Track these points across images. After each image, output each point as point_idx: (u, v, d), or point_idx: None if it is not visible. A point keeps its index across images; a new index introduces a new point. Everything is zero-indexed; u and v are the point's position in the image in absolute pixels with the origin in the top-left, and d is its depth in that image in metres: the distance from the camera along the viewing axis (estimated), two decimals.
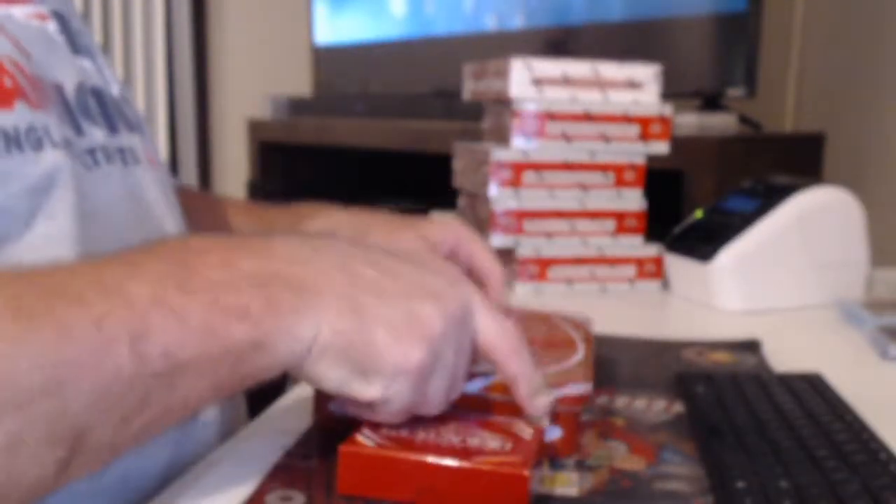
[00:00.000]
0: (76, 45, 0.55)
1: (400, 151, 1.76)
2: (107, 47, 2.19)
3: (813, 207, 0.86)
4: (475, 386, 0.48)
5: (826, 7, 1.63)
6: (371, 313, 0.41)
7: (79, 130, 0.50)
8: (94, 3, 2.15)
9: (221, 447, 0.49)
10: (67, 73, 0.52)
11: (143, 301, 0.36)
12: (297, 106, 2.10)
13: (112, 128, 0.54)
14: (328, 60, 2.22)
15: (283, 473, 0.43)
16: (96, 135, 0.52)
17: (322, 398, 0.49)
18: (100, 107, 0.54)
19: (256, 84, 2.28)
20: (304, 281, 0.41)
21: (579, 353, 0.54)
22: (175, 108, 2.26)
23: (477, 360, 0.46)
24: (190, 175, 2.29)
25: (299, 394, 0.56)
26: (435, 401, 0.43)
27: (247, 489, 0.42)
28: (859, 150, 1.57)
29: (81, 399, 0.34)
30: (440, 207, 1.78)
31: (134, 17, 2.20)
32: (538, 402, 0.46)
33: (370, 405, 0.42)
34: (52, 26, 0.53)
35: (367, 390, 0.41)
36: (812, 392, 0.55)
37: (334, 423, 0.48)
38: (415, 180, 2.02)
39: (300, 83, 2.31)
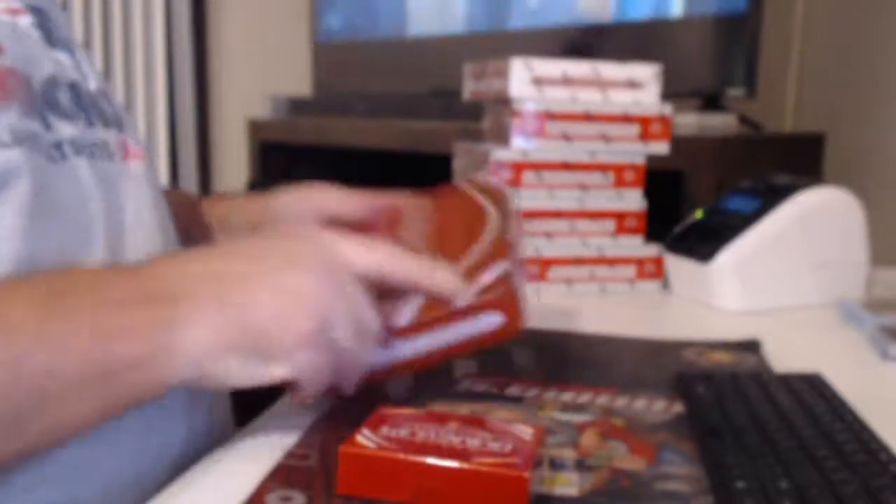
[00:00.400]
0: (53, 39, 0.54)
1: (400, 151, 1.76)
2: (106, 48, 2.19)
3: (813, 207, 0.86)
4: (405, 316, 0.49)
5: (826, 7, 1.63)
6: (246, 302, 0.43)
7: (46, 124, 0.50)
8: (94, 3, 2.15)
9: (221, 447, 0.49)
10: (38, 66, 0.51)
11: (24, 326, 0.38)
12: (297, 106, 2.10)
13: (88, 122, 0.53)
14: (328, 60, 2.22)
15: (283, 473, 0.43)
16: (65, 129, 0.51)
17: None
18: (75, 101, 0.53)
19: (256, 84, 2.27)
20: (177, 294, 0.42)
21: (493, 228, 0.54)
22: (175, 108, 2.26)
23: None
24: (190, 175, 2.29)
25: None
26: (353, 351, 0.46)
27: (247, 489, 0.42)
28: (859, 150, 1.57)
29: None
30: None
31: (134, 17, 2.20)
32: (453, 284, 0.48)
33: (292, 384, 0.45)
34: (25, 20, 0.52)
35: (276, 371, 0.44)
36: (812, 392, 0.55)
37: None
38: (415, 180, 2.02)
39: (300, 83, 2.30)
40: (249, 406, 0.63)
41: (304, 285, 0.44)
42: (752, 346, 0.70)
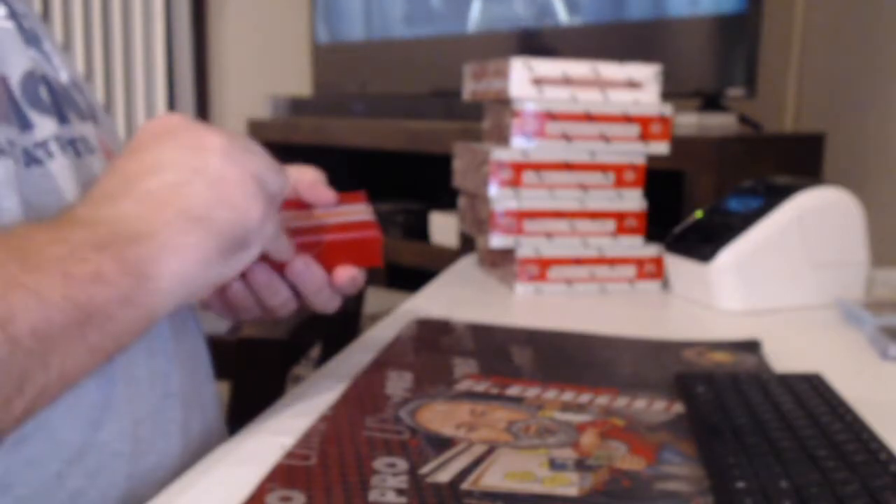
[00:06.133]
0: (24, 30, 0.51)
1: (400, 151, 1.76)
2: (106, 48, 2.20)
3: (813, 207, 0.86)
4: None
5: (826, 7, 1.63)
6: (202, 211, 0.44)
7: (25, 124, 0.48)
8: (93, 4, 2.15)
9: (221, 447, 0.49)
10: (15, 62, 0.49)
11: None
12: (297, 106, 2.10)
13: (62, 117, 0.51)
14: (328, 60, 2.22)
15: (283, 473, 0.43)
16: (47, 126, 0.49)
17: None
18: (50, 95, 0.51)
19: (256, 84, 2.27)
20: (136, 230, 0.42)
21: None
22: (175, 109, 2.26)
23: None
24: None
25: (299, 394, 0.56)
26: (282, 188, 0.49)
27: (247, 489, 0.42)
28: (859, 150, 1.57)
29: None
30: (440, 207, 1.78)
31: (134, 17, 2.20)
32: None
33: (259, 258, 0.49)
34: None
35: (253, 250, 0.47)
36: (812, 392, 0.55)
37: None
38: (415, 180, 2.02)
39: (300, 83, 2.31)
40: (249, 406, 0.63)
41: (222, 164, 0.45)
42: (752, 346, 0.70)
